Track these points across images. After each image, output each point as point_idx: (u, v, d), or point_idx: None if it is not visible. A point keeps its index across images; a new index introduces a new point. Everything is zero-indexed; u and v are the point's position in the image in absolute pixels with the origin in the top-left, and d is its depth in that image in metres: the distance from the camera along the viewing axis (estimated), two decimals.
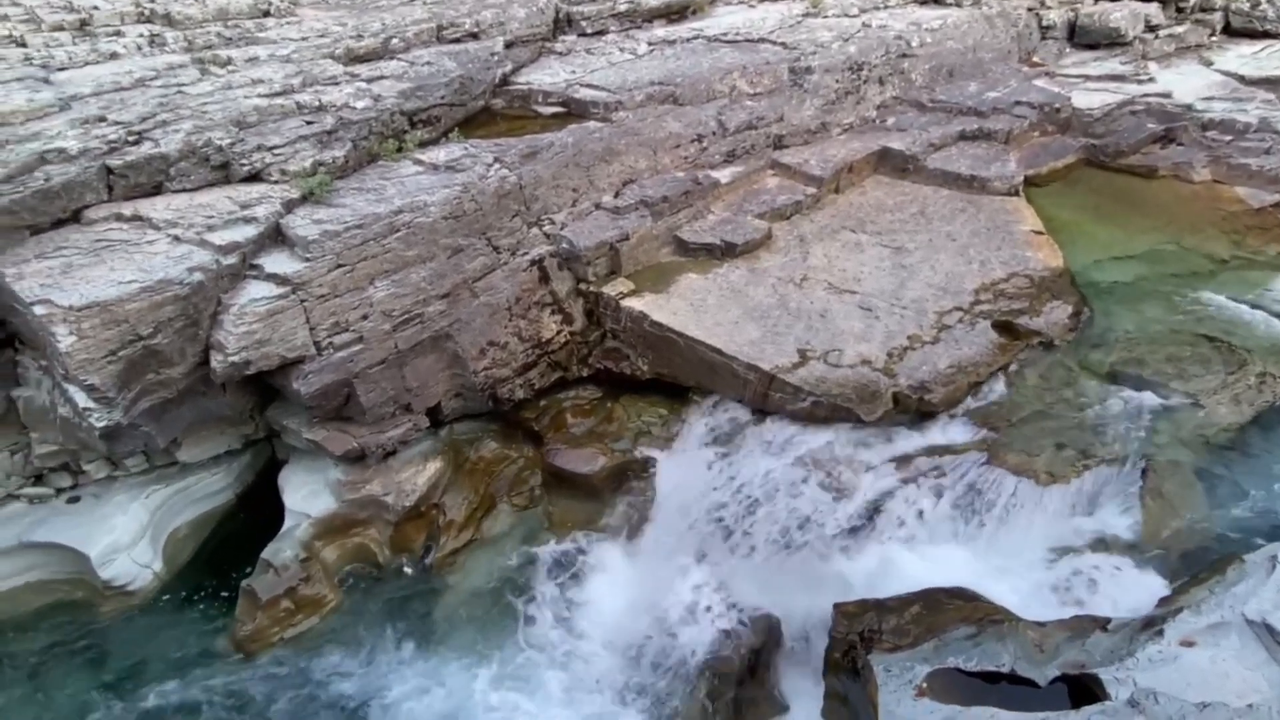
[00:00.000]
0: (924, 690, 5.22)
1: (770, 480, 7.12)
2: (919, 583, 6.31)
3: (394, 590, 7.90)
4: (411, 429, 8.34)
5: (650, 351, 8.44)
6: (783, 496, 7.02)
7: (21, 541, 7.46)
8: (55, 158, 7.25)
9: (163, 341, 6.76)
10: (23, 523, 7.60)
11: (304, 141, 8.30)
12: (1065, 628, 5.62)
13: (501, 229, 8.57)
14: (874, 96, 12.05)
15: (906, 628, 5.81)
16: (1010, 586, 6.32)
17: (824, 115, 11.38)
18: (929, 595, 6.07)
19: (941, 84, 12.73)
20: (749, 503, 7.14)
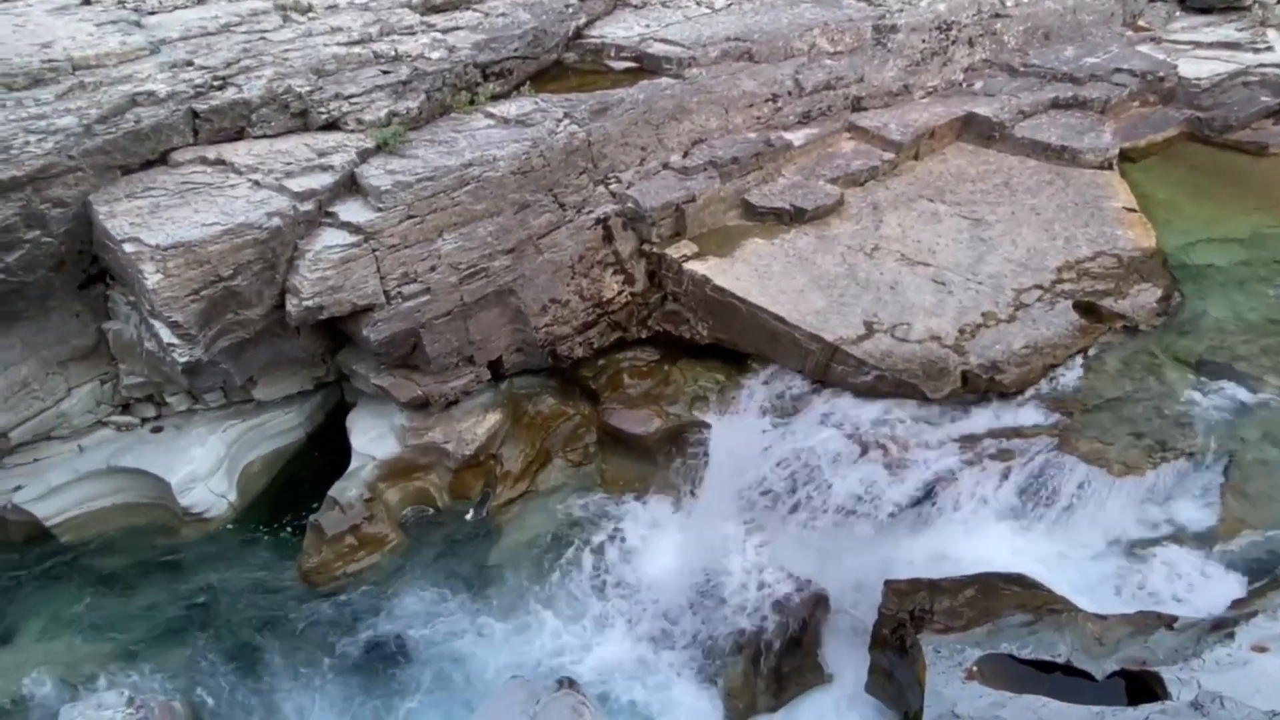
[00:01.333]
0: (974, 673, 5.15)
1: (827, 453, 7.02)
2: (975, 566, 6.19)
3: (451, 534, 8.17)
4: (473, 380, 8.52)
5: (710, 316, 8.36)
6: (839, 470, 6.93)
7: (110, 465, 7.95)
8: (145, 100, 7.50)
9: (242, 283, 7.02)
10: (111, 448, 8.09)
11: (380, 91, 8.39)
12: (1128, 622, 5.44)
13: (568, 186, 8.54)
14: (962, 58, 11.45)
15: (960, 610, 5.72)
16: (1072, 577, 6.14)
17: (907, 77, 10.89)
18: (985, 579, 5.95)
19: (1036, 47, 12.00)
20: (804, 474, 7.08)
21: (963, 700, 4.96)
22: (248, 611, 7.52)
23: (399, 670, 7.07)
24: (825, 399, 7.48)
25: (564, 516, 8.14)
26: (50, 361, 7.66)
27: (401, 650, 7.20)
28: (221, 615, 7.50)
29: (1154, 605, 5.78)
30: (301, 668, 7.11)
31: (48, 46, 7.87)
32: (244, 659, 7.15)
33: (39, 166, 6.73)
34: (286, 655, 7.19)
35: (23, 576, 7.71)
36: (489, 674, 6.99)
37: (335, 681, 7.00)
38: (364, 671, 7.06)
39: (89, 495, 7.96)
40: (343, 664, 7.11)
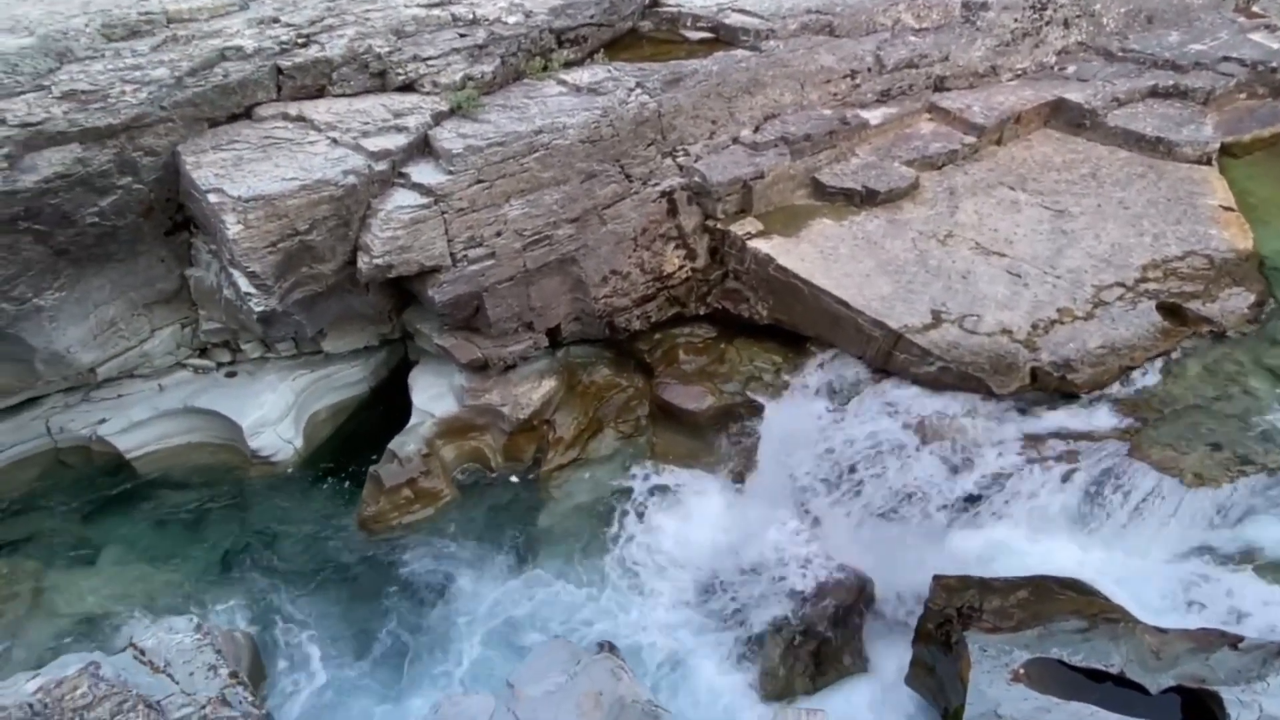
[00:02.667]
0: (1020, 676, 5.05)
1: (883, 443, 6.92)
2: (1029, 567, 6.05)
3: (502, 494, 8.37)
4: (531, 346, 8.64)
5: (772, 296, 8.26)
6: (894, 460, 6.82)
7: (186, 405, 8.38)
8: (233, 55, 7.73)
9: (317, 238, 7.23)
10: (188, 389, 8.52)
11: (456, 54, 8.46)
12: (1189, 638, 5.24)
13: (636, 157, 8.50)
14: (1055, 40, 10.89)
15: (1010, 611, 5.60)
16: (1132, 587, 5.93)
17: (995, 57, 10.42)
18: (1039, 582, 5.81)
19: (1137, 31, 11.33)
20: (858, 462, 6.99)
21: (1006, 701, 4.88)
22: (307, 553, 7.87)
23: (446, 621, 7.31)
24: (886, 388, 7.34)
25: (612, 485, 8.24)
26: (136, 304, 8.07)
27: (449, 602, 7.44)
28: (283, 555, 7.88)
29: (1218, 624, 5.54)
30: (354, 611, 7.42)
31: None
32: (301, 598, 7.51)
33: (133, 116, 7.02)
34: (341, 598, 7.51)
35: (104, 504, 8.23)
36: (531, 631, 7.17)
37: (385, 627, 7.29)
38: (413, 619, 7.33)
39: (166, 432, 8.42)
40: (393, 610, 7.40)
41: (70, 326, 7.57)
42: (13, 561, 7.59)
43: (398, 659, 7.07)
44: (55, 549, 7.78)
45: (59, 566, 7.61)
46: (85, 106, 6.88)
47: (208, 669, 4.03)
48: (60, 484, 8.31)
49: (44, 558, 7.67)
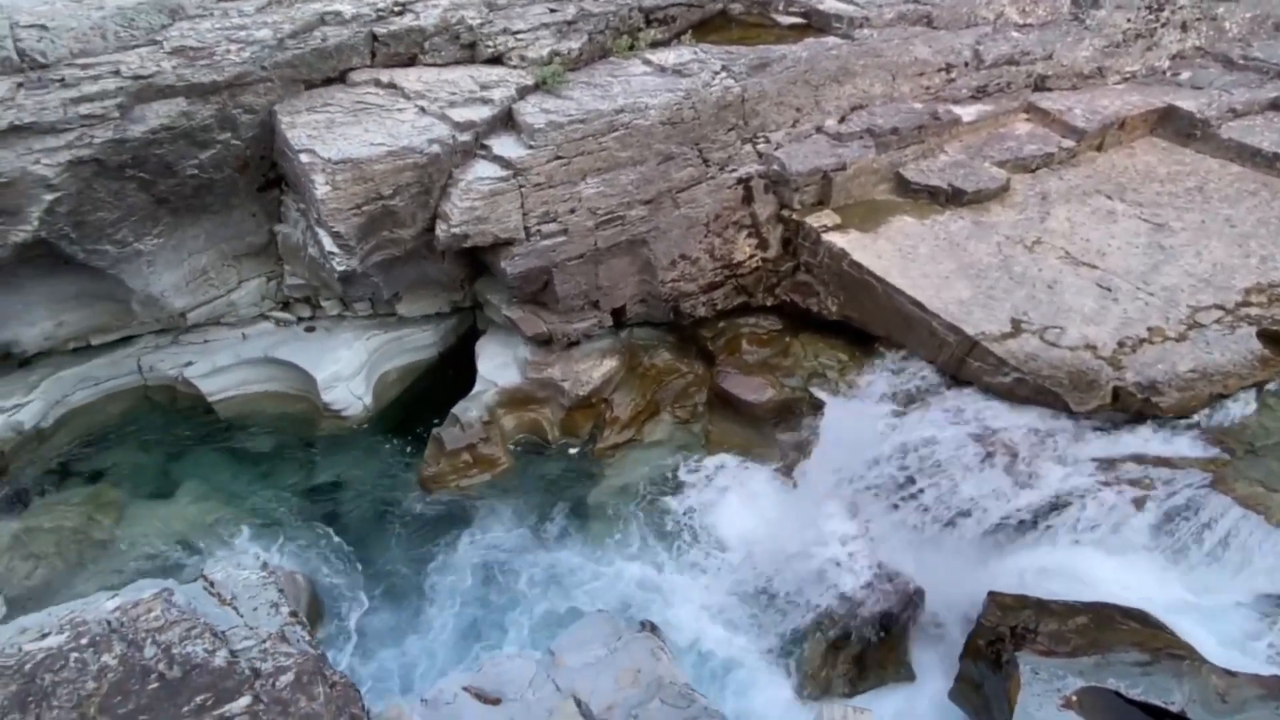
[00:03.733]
0: (1072, 703, 4.88)
1: (948, 451, 6.72)
2: (1091, 594, 5.81)
3: (557, 467, 8.50)
4: (595, 325, 8.71)
5: (843, 292, 8.10)
6: (958, 470, 6.62)
7: (266, 355, 8.77)
8: (333, 20, 7.96)
9: (399, 203, 7.43)
10: (269, 340, 8.91)
11: (545, 30, 8.51)
12: (1260, 684, 4.96)
13: (715, 142, 8.41)
14: (1171, 44, 10.25)
15: (1067, 635, 5.40)
16: (1201, 625, 5.63)
17: (1103, 58, 9.88)
18: (1101, 609, 5.58)
19: (1262, 39, 10.56)
20: (919, 468, 6.82)
21: None
22: (368, 506, 8.18)
23: (493, 582, 7.50)
24: (956, 395, 7.12)
25: (665, 469, 8.27)
26: (227, 255, 8.46)
27: (498, 565, 7.63)
28: (345, 505, 8.20)
29: None
30: (408, 564, 7.69)
31: None
32: (360, 547, 7.81)
33: (236, 74, 7.32)
34: (397, 551, 7.79)
35: (185, 442, 8.71)
36: (574, 601, 7.30)
37: (437, 583, 7.53)
38: (462, 578, 7.54)
39: (246, 379, 8.84)
40: (445, 567, 7.62)
41: (166, 272, 7.99)
42: (98, 489, 8.13)
43: (445, 614, 7.29)
44: (137, 480, 8.29)
45: (139, 497, 8.11)
46: (193, 63, 7.20)
47: (270, 606, 4.24)
48: (146, 420, 8.84)
49: (127, 487, 8.18)
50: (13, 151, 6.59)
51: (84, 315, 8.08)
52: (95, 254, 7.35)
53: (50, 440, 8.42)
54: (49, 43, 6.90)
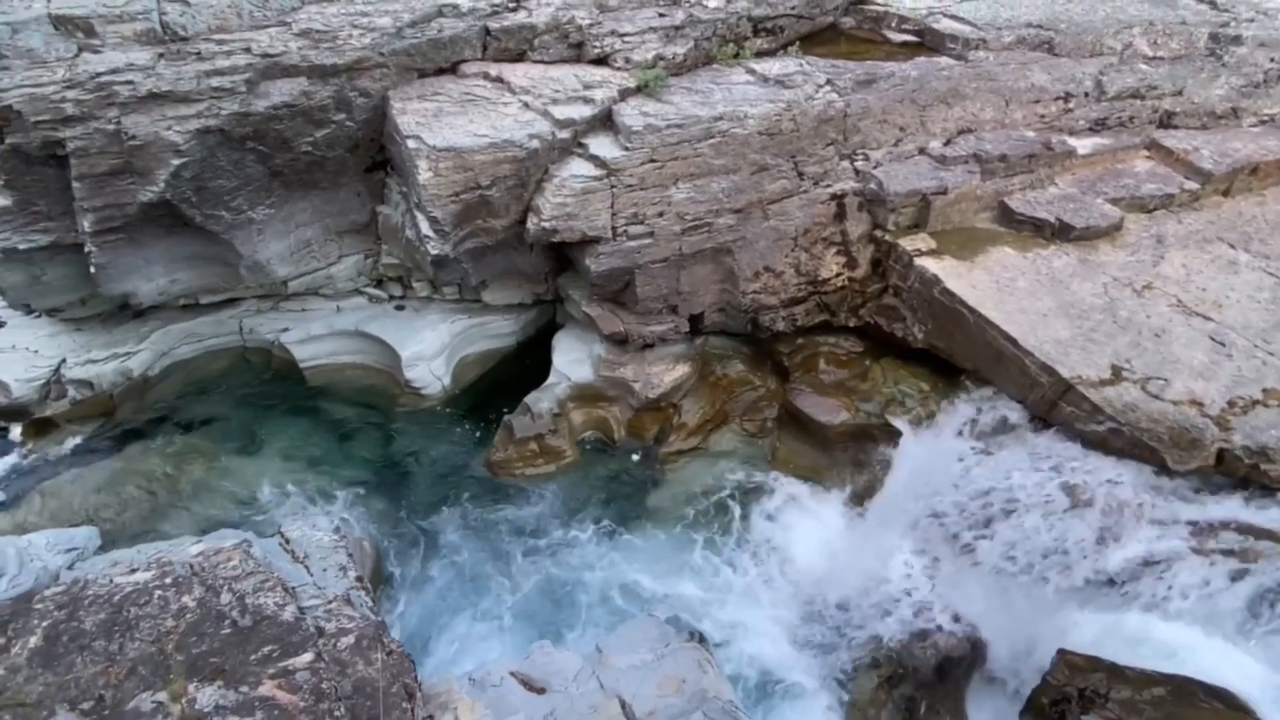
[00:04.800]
0: None
1: (1029, 496, 6.40)
2: (1171, 664, 5.42)
3: (619, 466, 8.54)
4: (672, 329, 8.70)
5: (931, 320, 7.83)
6: (1038, 519, 6.30)
7: (357, 329, 9.15)
8: (450, 12, 8.24)
9: (495, 194, 7.62)
10: (361, 315, 9.29)
11: (652, 34, 8.57)
12: None
13: (812, 155, 8.29)
14: None
15: (1141, 705, 5.07)
16: None
17: (1239, 98, 9.24)
18: (1182, 683, 5.20)
19: None
20: (996, 511, 6.52)
21: None
22: (436, 483, 8.42)
23: (548, 571, 7.59)
24: (1043, 439, 6.78)
25: (728, 481, 8.19)
26: (331, 230, 8.87)
27: (554, 555, 7.72)
28: (415, 479, 8.46)
29: None
30: (468, 544, 7.86)
31: None
32: (424, 521, 8.04)
33: (356, 58, 7.67)
34: (459, 530, 7.98)
35: (274, 403, 9.17)
36: (625, 603, 7.30)
37: (492, 566, 7.67)
38: (519, 563, 7.66)
39: (336, 350, 9.24)
40: (502, 552, 7.77)
41: (274, 241, 8.44)
42: (191, 439, 8.65)
43: (499, 595, 7.43)
44: (228, 434, 8.77)
45: (228, 450, 8.58)
46: (317, 45, 7.58)
47: (339, 568, 4.41)
48: (241, 378, 9.36)
49: (217, 440, 8.68)
50: (149, 117, 7.08)
51: (196, 275, 8.62)
52: (212, 219, 7.83)
53: (154, 389, 9.02)
54: (190, 17, 7.40)
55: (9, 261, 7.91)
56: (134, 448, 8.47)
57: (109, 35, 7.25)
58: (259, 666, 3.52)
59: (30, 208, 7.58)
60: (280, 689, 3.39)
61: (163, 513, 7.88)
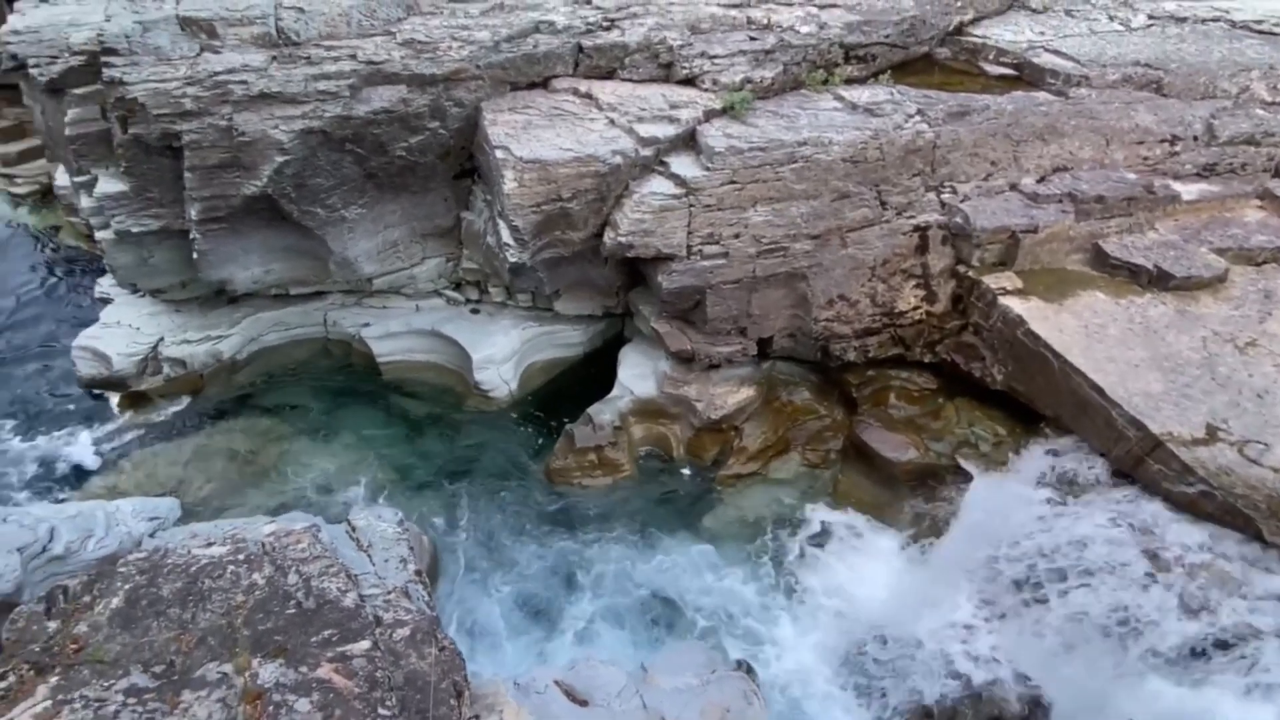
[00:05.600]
0: None
1: (1107, 556, 6.06)
2: None
3: (676, 485, 8.50)
4: (739, 352, 8.65)
5: (1012, 362, 7.55)
6: (1114, 580, 5.96)
7: (433, 329, 9.43)
8: (546, 29, 8.47)
9: (575, 207, 7.75)
10: (438, 315, 9.58)
11: (741, 56, 8.61)
12: None
13: (896, 185, 8.14)
14: None
15: None
16: None
17: None
18: None
19: None
20: (1070, 567, 6.20)
21: None
22: (496, 485, 8.55)
23: (597, 586, 7.59)
24: (1125, 496, 6.42)
25: (787, 509, 8.05)
26: (416, 232, 9.19)
27: (605, 568, 7.71)
28: (476, 480, 8.62)
29: None
30: (524, 547, 7.94)
31: None
32: (481, 522, 8.17)
33: (453, 69, 7.95)
34: (514, 534, 8.08)
35: (350, 394, 9.51)
36: (673, 623, 7.24)
37: (543, 573, 7.73)
38: (571, 572, 7.69)
39: (412, 347, 9.54)
40: (554, 560, 7.81)
41: (363, 240, 8.80)
42: (270, 422, 9.05)
43: (549, 603, 7.46)
44: (304, 420, 9.14)
45: (303, 436, 8.93)
46: (418, 55, 7.90)
47: (400, 561, 4.53)
48: (322, 368, 9.76)
49: (294, 425, 9.04)
50: (258, 115, 7.50)
51: (288, 267, 9.05)
52: (308, 214, 8.22)
53: (240, 371, 9.50)
54: (303, 23, 7.82)
55: (121, 243, 8.49)
56: (217, 426, 8.92)
57: (229, 37, 7.73)
58: (319, 649, 3.64)
59: (145, 194, 8.12)
60: (337, 673, 3.49)
61: (239, 490, 8.25)
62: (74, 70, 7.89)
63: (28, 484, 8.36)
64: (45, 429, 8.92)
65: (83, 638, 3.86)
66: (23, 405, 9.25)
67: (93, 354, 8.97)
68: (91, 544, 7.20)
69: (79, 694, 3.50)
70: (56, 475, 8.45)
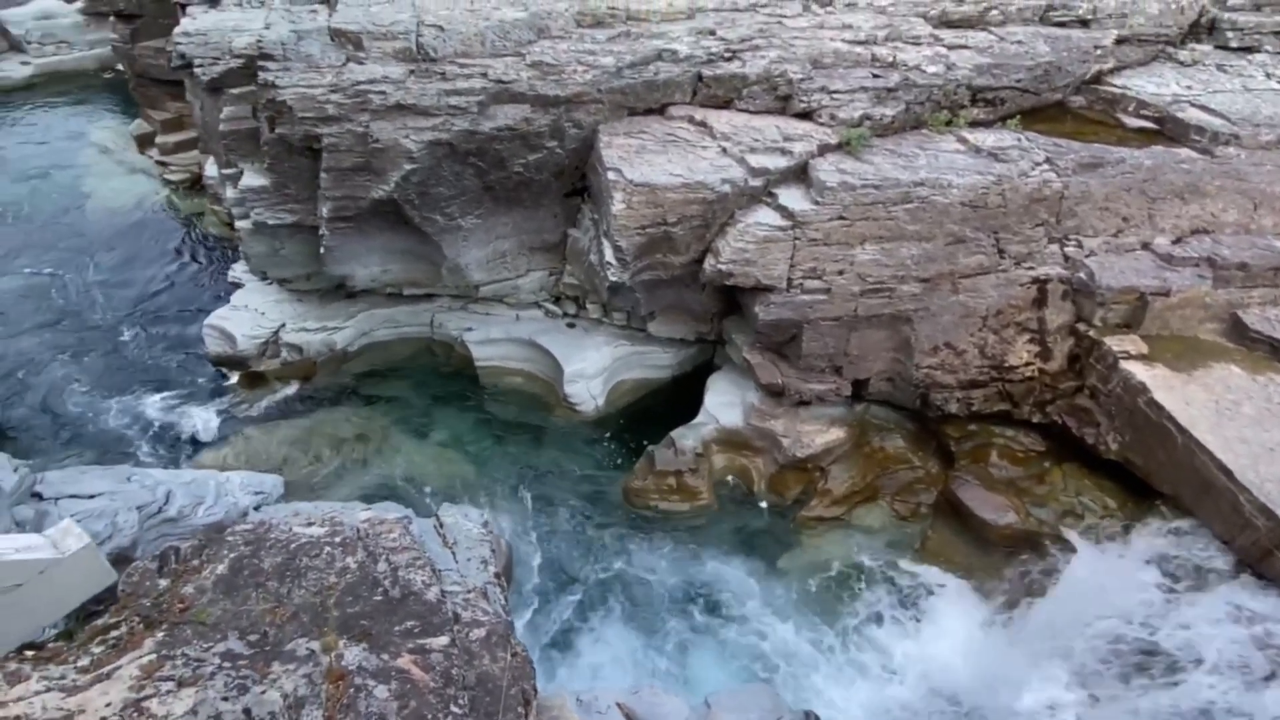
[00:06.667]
0: None
1: (1222, 653, 5.54)
2: None
3: (754, 520, 8.35)
4: (833, 391, 8.45)
5: (1130, 431, 7.06)
6: (1231, 679, 5.42)
7: (530, 339, 9.67)
8: (668, 57, 8.62)
9: (679, 232, 7.81)
10: (535, 326, 9.82)
11: (862, 93, 8.50)
12: None
13: (1017, 234, 7.81)
14: None
15: None
16: None
17: None
18: None
19: None
20: (1177, 660, 5.70)
21: None
22: (573, 497, 8.65)
23: (663, 611, 7.53)
24: (1248, 589, 5.87)
25: (868, 559, 7.76)
26: (525, 246, 9.48)
27: (672, 595, 7.65)
28: (555, 490, 8.75)
29: None
30: (595, 562, 7.99)
31: None
32: (555, 531, 8.28)
33: (576, 92, 8.19)
34: (586, 548, 8.13)
35: (446, 393, 9.87)
36: (738, 660, 7.09)
37: (610, 591, 7.73)
38: (638, 594, 7.67)
39: (509, 354, 9.81)
40: (622, 580, 7.81)
41: (475, 248, 9.15)
42: (372, 413, 9.48)
43: (613, 621, 7.46)
44: (403, 414, 9.54)
45: (401, 430, 9.32)
46: (544, 77, 8.19)
47: (481, 561, 4.64)
48: (423, 366, 10.17)
49: (394, 418, 9.45)
50: (392, 124, 7.95)
51: (404, 268, 9.51)
52: (427, 221, 8.62)
53: (349, 362, 10.02)
54: (442, 41, 8.25)
55: (258, 233, 9.14)
56: (324, 412, 9.43)
57: (373, 50, 8.25)
58: (401, 639, 3.76)
59: (283, 190, 8.73)
60: (415, 665, 3.59)
61: (337, 474, 8.67)
62: (233, 71, 8.60)
63: (150, 445, 9.06)
64: (171, 396, 9.67)
65: (189, 598, 4.13)
66: (155, 372, 10.07)
67: (221, 333, 9.68)
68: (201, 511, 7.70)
69: (181, 652, 3.74)
70: (175, 441, 9.13)
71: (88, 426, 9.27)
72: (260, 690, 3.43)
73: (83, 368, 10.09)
